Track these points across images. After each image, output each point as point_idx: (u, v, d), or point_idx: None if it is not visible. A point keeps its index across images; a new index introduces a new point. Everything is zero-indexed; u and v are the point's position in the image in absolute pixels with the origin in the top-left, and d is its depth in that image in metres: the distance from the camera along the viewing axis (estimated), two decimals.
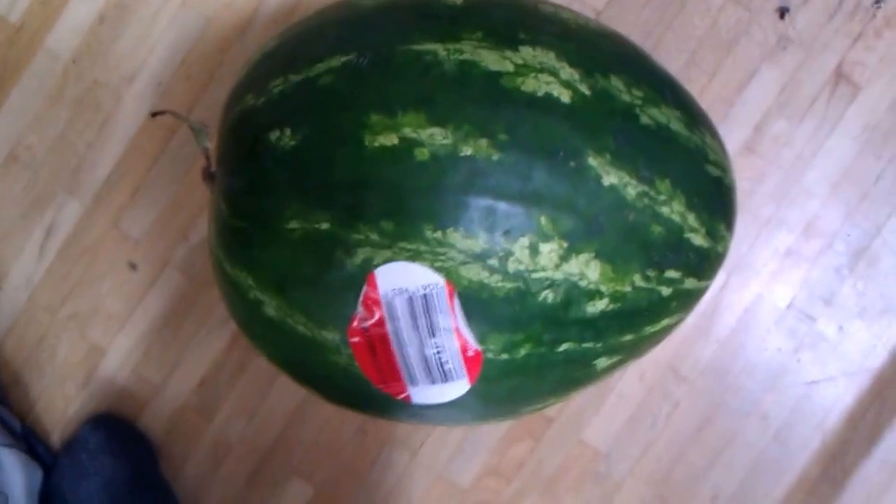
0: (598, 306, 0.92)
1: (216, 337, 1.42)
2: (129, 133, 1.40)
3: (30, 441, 1.42)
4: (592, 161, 0.89)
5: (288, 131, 0.90)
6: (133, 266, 1.42)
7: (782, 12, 1.33)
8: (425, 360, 0.91)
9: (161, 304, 1.42)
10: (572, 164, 0.88)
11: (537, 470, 1.40)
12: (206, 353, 1.42)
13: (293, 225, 0.89)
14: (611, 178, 0.90)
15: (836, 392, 1.36)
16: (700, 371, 1.37)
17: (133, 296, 1.43)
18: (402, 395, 0.96)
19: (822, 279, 1.35)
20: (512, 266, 0.87)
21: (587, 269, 0.90)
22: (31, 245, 1.43)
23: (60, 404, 1.45)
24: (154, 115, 1.07)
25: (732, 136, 1.34)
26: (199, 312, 1.42)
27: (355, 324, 0.90)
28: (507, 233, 0.87)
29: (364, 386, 0.96)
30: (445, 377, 0.93)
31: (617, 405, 1.38)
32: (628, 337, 0.98)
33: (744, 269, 1.35)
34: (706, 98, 1.35)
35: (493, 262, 0.87)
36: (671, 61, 1.34)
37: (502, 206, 0.86)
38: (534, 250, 0.87)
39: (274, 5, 1.37)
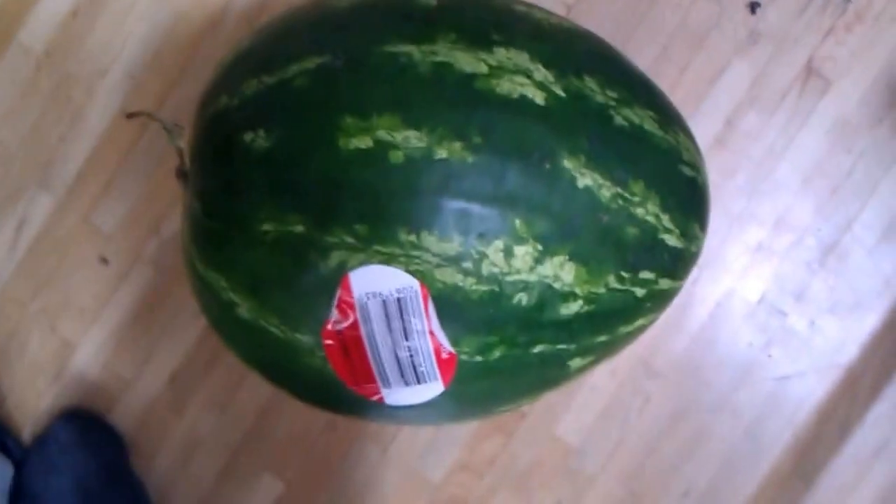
0: (572, 308, 0.93)
1: (187, 331, 1.42)
2: (101, 127, 1.39)
3: (0, 436, 1.41)
4: (567, 163, 0.89)
5: (262, 133, 0.90)
6: (104, 260, 1.41)
7: (753, 7, 1.33)
8: (399, 362, 0.91)
9: (132, 299, 1.42)
10: (547, 166, 0.88)
11: (509, 465, 1.40)
12: (178, 348, 1.42)
13: (267, 227, 0.89)
14: (585, 179, 0.90)
15: (806, 387, 1.37)
16: (672, 366, 1.37)
17: (104, 290, 1.42)
18: (376, 397, 0.96)
19: (793, 274, 1.36)
20: (486, 269, 0.87)
21: (561, 272, 0.90)
22: (1, 239, 1.42)
23: (31, 399, 1.44)
24: (129, 116, 1.07)
25: (703, 130, 1.34)
26: (170, 307, 1.41)
27: (329, 326, 0.90)
28: (481, 235, 0.87)
29: (338, 388, 0.96)
30: (419, 379, 0.93)
31: (589, 400, 1.38)
32: (602, 338, 0.98)
33: (715, 263, 1.36)
34: (677, 92, 1.35)
35: (468, 264, 0.87)
36: (642, 55, 1.34)
37: (477, 208, 0.86)
38: (508, 253, 0.88)
39: (244, 2, 1.36)
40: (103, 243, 1.41)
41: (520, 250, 0.88)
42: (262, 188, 0.89)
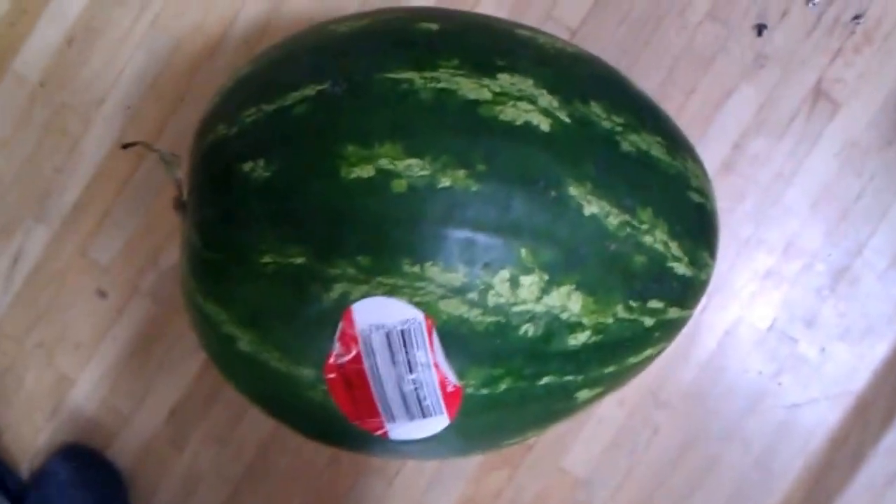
0: (579, 339, 0.91)
1: (187, 365, 1.40)
2: (97, 157, 1.38)
3: None
4: (573, 190, 0.87)
5: (261, 162, 0.88)
6: (102, 293, 1.39)
7: (760, 29, 1.32)
8: (403, 396, 0.90)
9: (130, 332, 1.40)
10: (553, 193, 0.87)
11: (516, 498, 1.38)
12: (177, 382, 1.40)
13: (267, 259, 0.87)
14: (592, 207, 0.88)
15: (818, 415, 1.35)
16: (680, 395, 1.35)
17: (102, 323, 1.40)
18: (380, 432, 0.94)
19: (803, 300, 1.34)
20: (492, 300, 0.86)
21: (569, 302, 0.88)
22: None
23: (29, 434, 1.42)
24: (125, 146, 1.06)
25: (711, 154, 1.33)
26: (169, 340, 1.40)
27: (332, 360, 0.88)
28: (486, 266, 0.85)
29: (340, 422, 0.94)
30: (424, 413, 0.91)
31: (596, 431, 1.36)
32: (610, 368, 0.96)
33: (723, 290, 1.34)
34: (684, 116, 1.33)
35: (473, 295, 0.85)
36: (648, 79, 1.33)
37: (481, 238, 0.85)
38: (514, 283, 0.86)
39: (243, 28, 1.35)
40: (100, 276, 1.39)
41: (526, 280, 0.86)
42: (262, 219, 0.88)
